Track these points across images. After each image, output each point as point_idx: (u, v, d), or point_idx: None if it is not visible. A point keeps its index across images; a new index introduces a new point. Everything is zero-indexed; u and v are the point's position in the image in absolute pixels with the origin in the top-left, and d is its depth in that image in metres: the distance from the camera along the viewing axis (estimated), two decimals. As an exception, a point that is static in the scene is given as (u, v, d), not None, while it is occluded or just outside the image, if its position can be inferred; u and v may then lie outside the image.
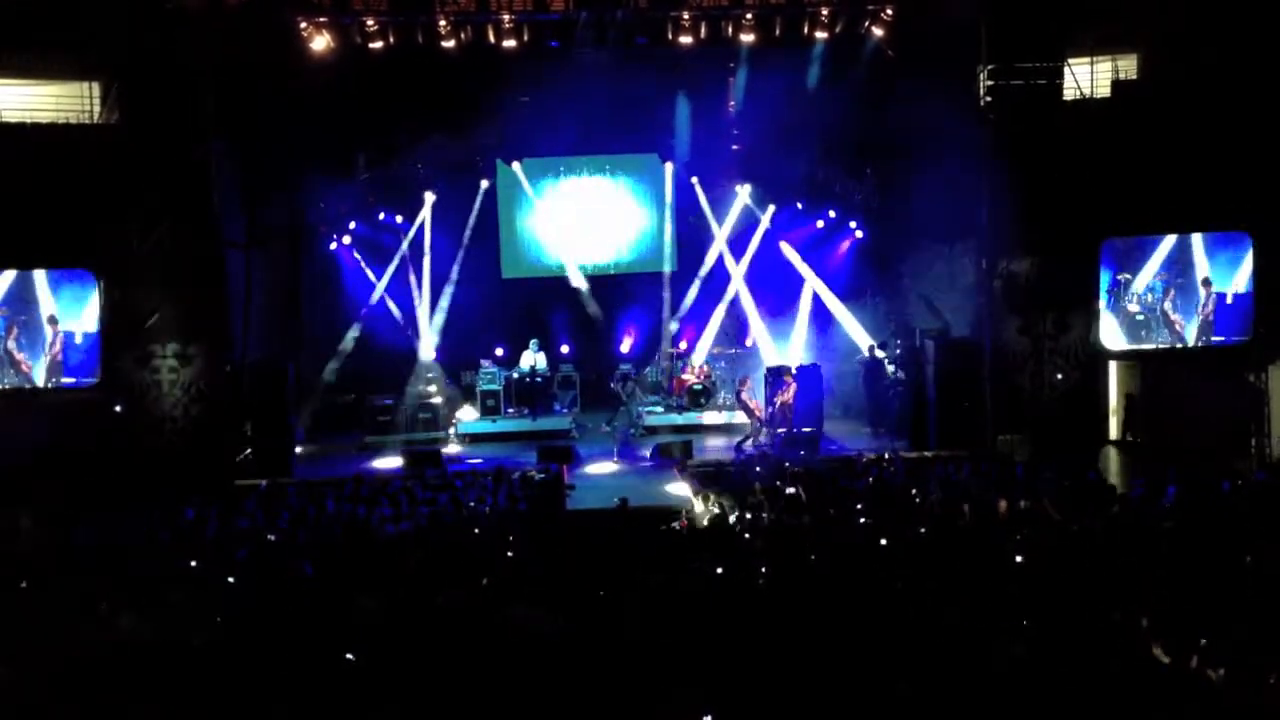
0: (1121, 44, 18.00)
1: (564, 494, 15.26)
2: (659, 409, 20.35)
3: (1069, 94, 17.04)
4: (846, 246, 21.03)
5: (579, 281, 21.50)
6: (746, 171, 20.97)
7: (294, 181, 19.29)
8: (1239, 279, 16.98)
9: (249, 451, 17.16)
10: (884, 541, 10.53)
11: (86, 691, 6.80)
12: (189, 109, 16.13)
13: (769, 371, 18.53)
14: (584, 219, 21.77)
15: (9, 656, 7.33)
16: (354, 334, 20.76)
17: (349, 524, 12.43)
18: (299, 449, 18.86)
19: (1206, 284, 16.99)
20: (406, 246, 20.90)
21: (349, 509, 13.20)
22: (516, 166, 21.27)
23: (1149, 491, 12.42)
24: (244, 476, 16.31)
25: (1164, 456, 15.50)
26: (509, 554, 10.64)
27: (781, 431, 17.74)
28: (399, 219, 20.98)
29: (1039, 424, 16.84)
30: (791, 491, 13.47)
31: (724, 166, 21.06)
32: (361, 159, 20.14)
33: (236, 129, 17.21)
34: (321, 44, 18.28)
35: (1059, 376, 17.00)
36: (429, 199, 20.90)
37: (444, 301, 21.16)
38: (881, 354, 19.49)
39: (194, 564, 10.68)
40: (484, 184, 21.22)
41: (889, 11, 18.35)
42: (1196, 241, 17.04)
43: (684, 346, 21.37)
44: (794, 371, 18.22)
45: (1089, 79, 17.22)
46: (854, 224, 20.69)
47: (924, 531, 11.10)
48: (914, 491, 13.36)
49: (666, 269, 21.84)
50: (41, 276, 16.57)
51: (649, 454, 17.94)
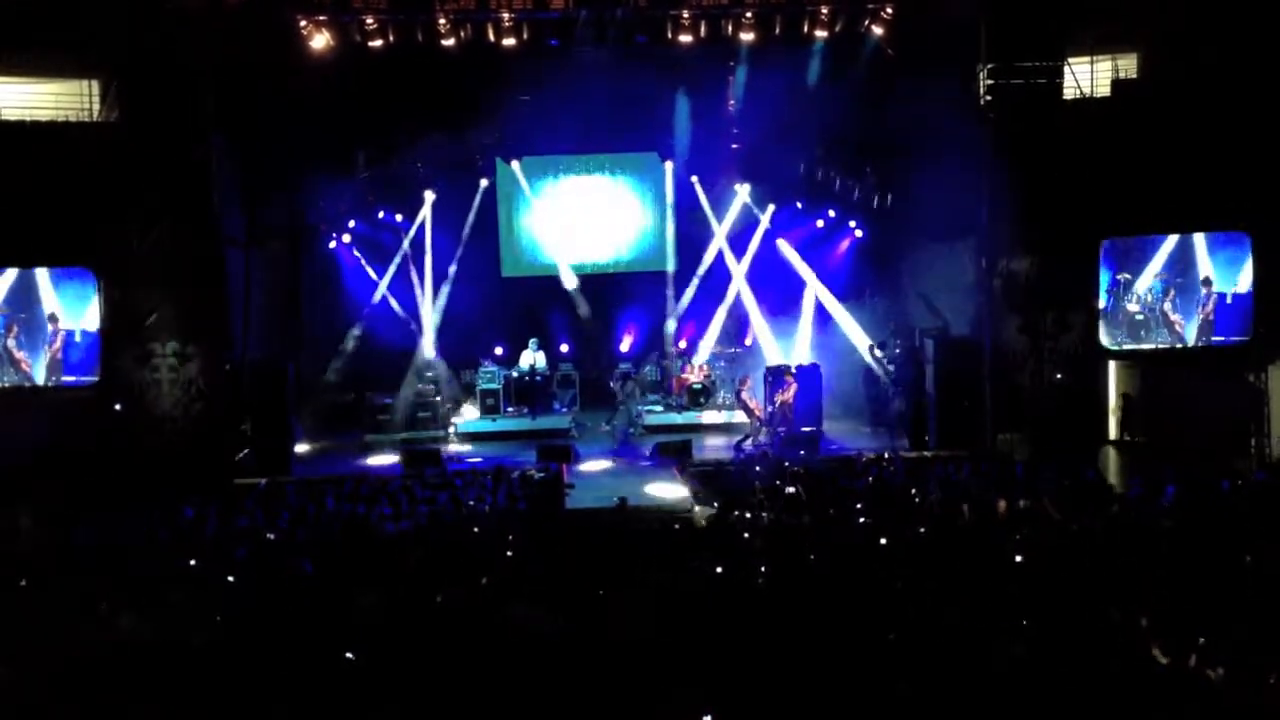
0: (1121, 43, 18.00)
1: (563, 493, 15.27)
2: (658, 408, 20.35)
3: (1069, 93, 17.05)
4: (846, 246, 21.01)
5: (570, 281, 21.47)
6: (746, 170, 20.95)
7: (294, 180, 19.27)
8: (1241, 279, 16.96)
9: (248, 451, 17.16)
10: (884, 541, 10.53)
11: (86, 691, 6.80)
12: (189, 107, 16.13)
13: (769, 371, 18.53)
14: (583, 218, 21.74)
15: (9, 656, 7.33)
16: (356, 333, 20.75)
17: (348, 523, 12.44)
18: (303, 447, 18.87)
19: (1207, 284, 16.98)
20: (408, 245, 20.87)
21: (348, 508, 13.21)
22: (516, 165, 21.25)
23: (1147, 491, 12.43)
24: (243, 475, 16.32)
25: (1163, 456, 15.50)
26: (508, 553, 10.65)
27: (781, 431, 17.74)
28: (399, 217, 20.96)
29: (1038, 423, 16.85)
30: (791, 491, 13.50)
31: (724, 165, 21.03)
32: (361, 158, 20.09)
33: (236, 127, 17.21)
34: (321, 42, 18.27)
35: (1058, 376, 17.00)
36: (429, 198, 20.87)
37: (442, 300, 21.16)
38: (880, 353, 19.48)
39: (193, 563, 10.68)
40: (483, 183, 21.19)
41: (889, 10, 18.34)
42: (1199, 241, 17.04)
43: (684, 345, 21.36)
44: (794, 371, 18.22)
45: (1089, 78, 17.23)
46: (853, 223, 20.67)
47: (924, 531, 11.10)
48: (914, 491, 13.38)
49: (666, 268, 21.81)
50: (44, 275, 16.57)
51: (648, 453, 17.94)
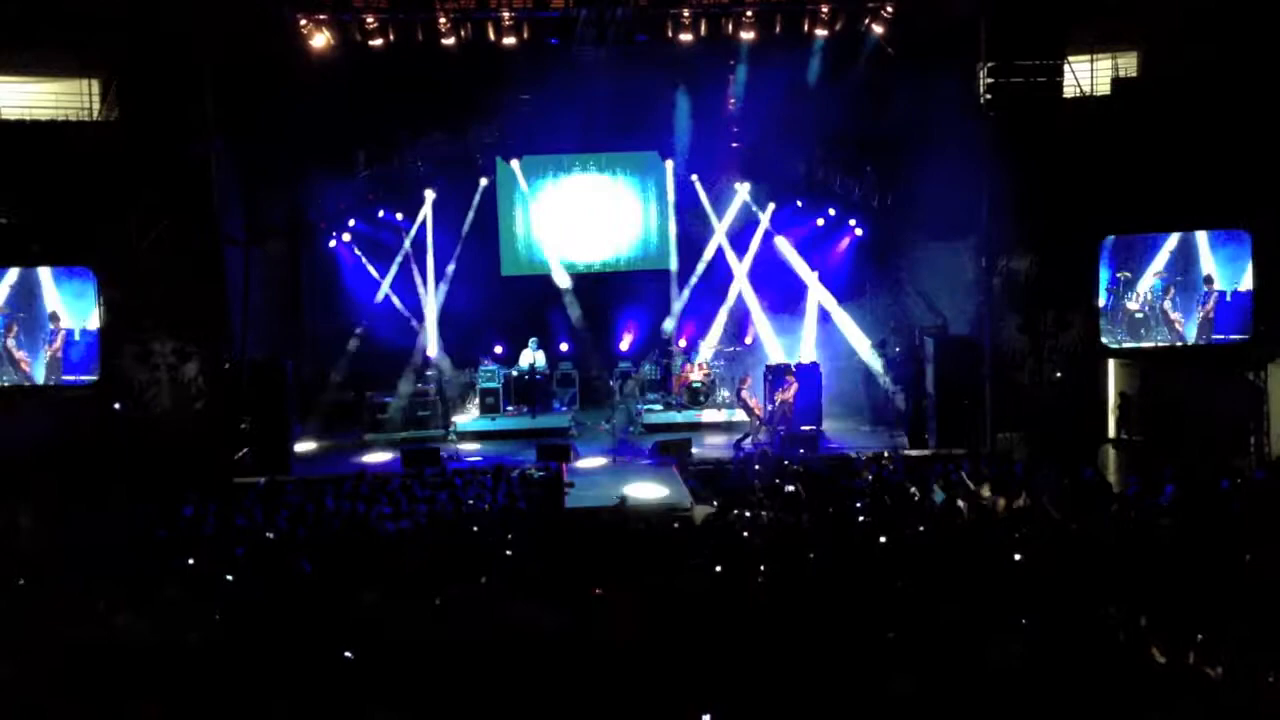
0: (1121, 41, 17.98)
1: (563, 492, 15.26)
2: (658, 407, 20.33)
3: (1069, 91, 17.04)
4: (846, 244, 20.99)
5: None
6: (746, 169, 20.91)
7: (294, 179, 19.26)
8: (1246, 276, 16.90)
9: (247, 449, 17.15)
10: (883, 540, 10.54)
11: (84, 689, 6.80)
12: (188, 107, 16.12)
13: (769, 370, 18.52)
14: (584, 217, 21.70)
15: (8, 654, 7.32)
16: (359, 332, 20.70)
17: (348, 522, 12.44)
18: (307, 446, 18.89)
19: (1209, 282, 16.95)
20: (409, 244, 20.85)
21: (348, 507, 13.21)
22: (515, 164, 21.20)
23: (1146, 490, 12.43)
24: (242, 474, 16.31)
25: (1162, 455, 15.48)
26: (508, 552, 10.64)
27: (781, 430, 17.73)
28: (399, 216, 20.93)
29: (1038, 422, 16.84)
30: (791, 490, 13.50)
31: (724, 164, 20.99)
32: (361, 156, 20.09)
33: (236, 126, 17.19)
34: (321, 41, 18.28)
35: (1058, 375, 16.99)
36: (429, 197, 20.84)
37: (442, 299, 21.13)
38: (877, 356, 19.50)
39: (192, 561, 10.69)
40: (483, 182, 21.15)
41: (889, 9, 18.34)
42: (1201, 239, 17.01)
43: (683, 344, 21.34)
44: (794, 370, 18.21)
45: (1089, 76, 17.21)
46: (853, 222, 20.64)
47: (923, 530, 11.11)
48: (913, 489, 13.38)
49: (667, 267, 21.77)
50: (46, 274, 16.57)
51: (648, 452, 17.93)
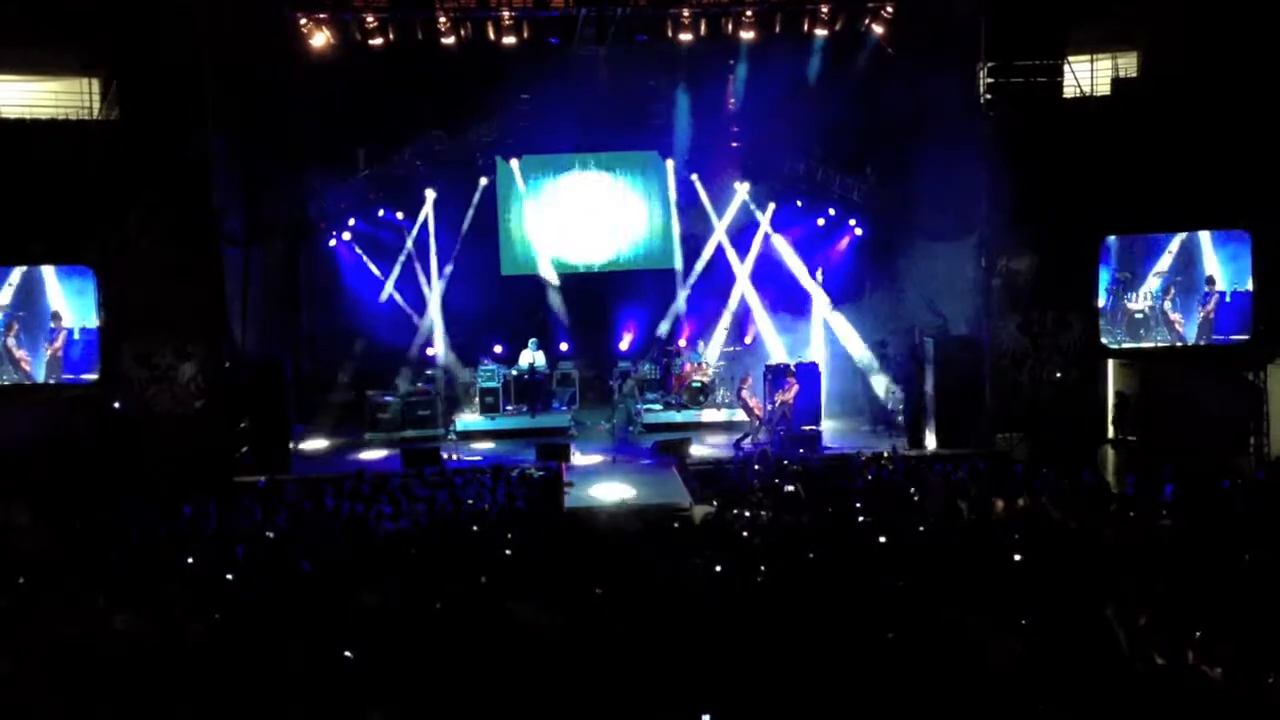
0: (1121, 42, 17.99)
1: (562, 491, 15.25)
2: (657, 406, 20.32)
3: (1069, 92, 17.03)
4: (846, 244, 20.97)
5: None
6: (746, 168, 20.90)
7: (294, 178, 19.28)
8: (1244, 277, 16.90)
9: (247, 448, 17.14)
10: (882, 540, 10.54)
11: (84, 687, 6.80)
12: (188, 106, 16.09)
13: (769, 370, 18.50)
14: (583, 216, 21.68)
15: (8, 652, 7.33)
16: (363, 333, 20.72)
17: (348, 521, 12.44)
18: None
19: (1210, 282, 16.93)
20: (411, 244, 20.83)
21: (348, 506, 13.20)
22: (514, 164, 21.19)
23: (1146, 490, 12.43)
24: (242, 473, 16.30)
25: (1161, 455, 15.47)
26: (507, 551, 10.65)
27: (781, 430, 17.72)
28: (399, 215, 20.91)
29: (1038, 422, 16.84)
30: (790, 489, 13.50)
31: (724, 163, 20.98)
32: (361, 155, 20.09)
33: (236, 126, 17.21)
34: (321, 40, 18.31)
35: (1058, 375, 16.99)
36: (430, 196, 20.83)
37: (442, 298, 21.11)
38: (875, 357, 19.51)
39: (192, 561, 10.68)
40: (483, 181, 21.13)
41: (889, 9, 18.36)
42: (1204, 240, 17.00)
43: (683, 344, 21.33)
44: (794, 370, 18.19)
45: (1089, 77, 17.21)
46: (853, 221, 20.63)
47: (923, 530, 11.11)
48: (913, 490, 13.38)
49: (668, 266, 21.75)
50: (50, 273, 16.57)
51: (648, 451, 17.92)
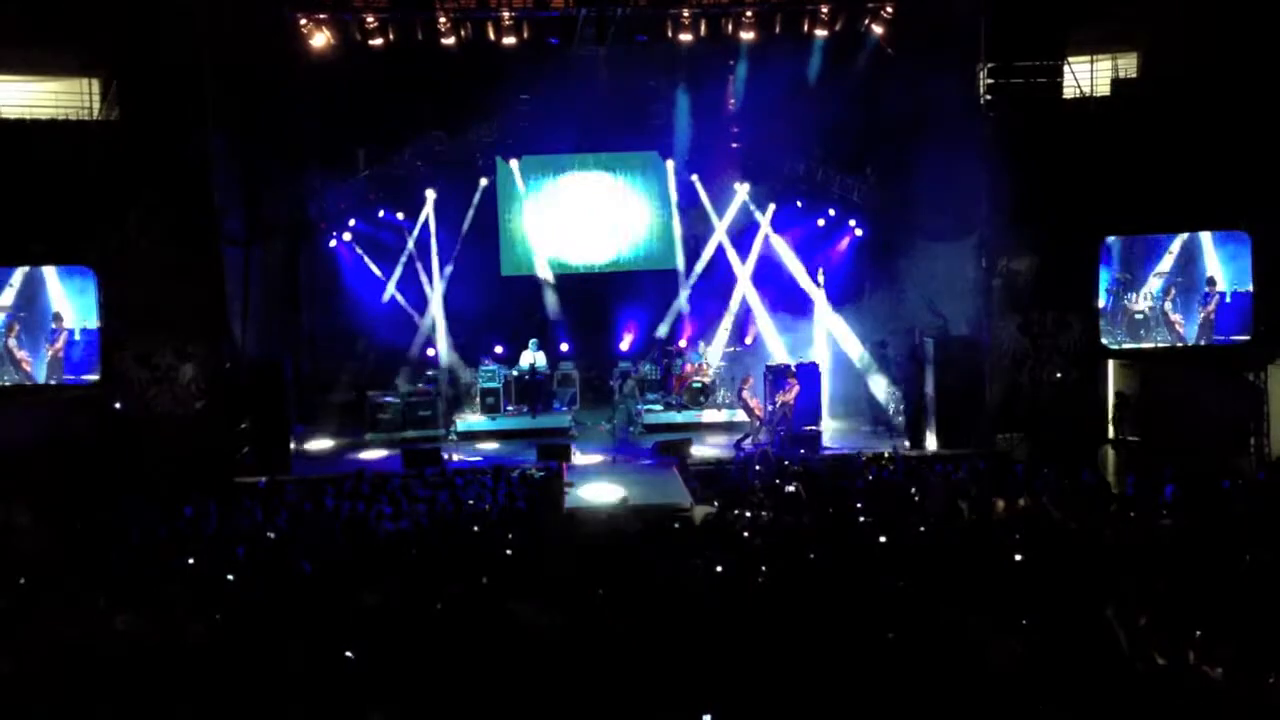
0: (1121, 43, 18.00)
1: (563, 492, 15.25)
2: (658, 407, 20.32)
3: (1069, 92, 17.04)
4: (846, 244, 20.96)
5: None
6: (746, 169, 20.90)
7: (294, 178, 19.28)
8: (1244, 278, 16.90)
9: (248, 449, 17.14)
10: (883, 540, 10.54)
11: (84, 687, 6.80)
12: (188, 106, 16.11)
13: (769, 370, 18.49)
14: (584, 217, 21.67)
15: (7, 652, 7.33)
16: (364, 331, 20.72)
17: (348, 521, 12.44)
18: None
19: (1211, 283, 16.92)
20: (413, 244, 20.82)
21: (348, 506, 13.20)
22: (514, 164, 21.18)
23: (1146, 490, 12.42)
24: (243, 473, 16.30)
25: (1161, 456, 15.48)
26: (508, 552, 10.65)
27: (781, 430, 17.72)
28: (399, 215, 20.90)
29: (1038, 423, 16.85)
30: (791, 490, 13.50)
31: (724, 164, 20.98)
32: (361, 156, 20.09)
33: (236, 125, 17.21)
34: (321, 41, 18.32)
35: (1058, 375, 17.00)
36: (430, 196, 20.82)
37: (443, 299, 21.11)
38: (872, 359, 19.51)
39: (192, 561, 10.68)
40: (483, 182, 21.12)
41: (889, 9, 18.37)
42: (1206, 240, 16.99)
43: (684, 344, 21.33)
44: (795, 371, 18.18)
45: (1089, 78, 17.22)
46: (853, 222, 20.62)
47: (923, 530, 11.11)
48: (913, 490, 13.38)
49: (668, 266, 21.74)
50: (52, 273, 16.56)
51: (648, 452, 17.92)
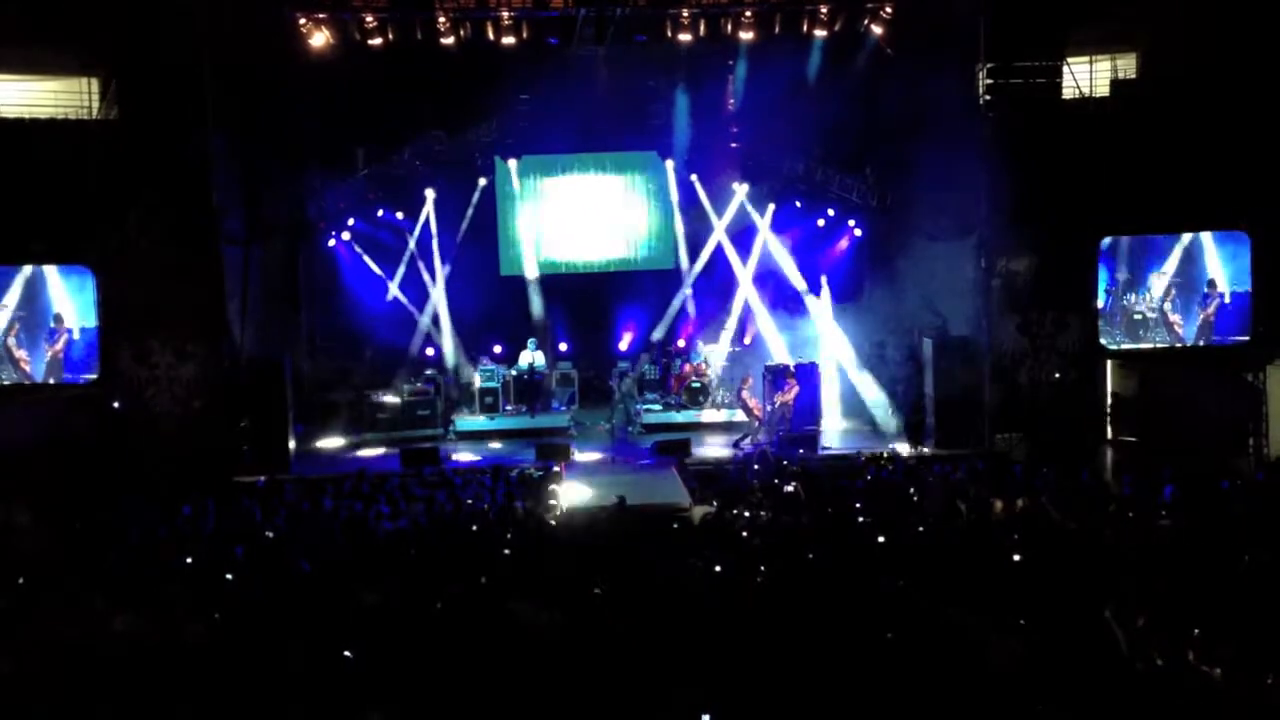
0: (1121, 43, 18.00)
1: (555, 491, 15.23)
2: (657, 407, 20.31)
3: (1068, 93, 17.05)
4: (845, 244, 20.95)
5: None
6: (745, 169, 20.88)
7: (293, 178, 19.24)
8: (1243, 277, 16.89)
9: (247, 448, 17.12)
10: (882, 540, 10.54)
11: (84, 687, 6.80)
12: (188, 105, 16.10)
13: (768, 370, 18.48)
14: (583, 216, 21.64)
15: (7, 652, 7.33)
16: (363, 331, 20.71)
17: (347, 521, 12.43)
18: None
19: (1212, 285, 16.91)
20: (414, 244, 20.80)
21: (347, 506, 13.19)
22: (513, 164, 21.15)
23: (1145, 490, 12.43)
24: (242, 473, 16.29)
25: (1160, 456, 15.49)
26: (506, 551, 10.65)
27: (781, 430, 17.71)
28: (399, 215, 20.88)
29: (1037, 423, 16.85)
30: (790, 490, 13.50)
31: (723, 164, 20.95)
32: (361, 156, 20.08)
33: (236, 125, 17.20)
34: (321, 40, 18.30)
35: (1057, 376, 17.01)
36: (430, 196, 20.79)
37: (446, 298, 21.09)
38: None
39: (191, 561, 10.68)
40: (482, 181, 21.08)
41: (888, 9, 18.36)
42: (1207, 241, 16.98)
43: (682, 344, 21.32)
44: (794, 371, 18.17)
45: (1088, 78, 17.22)
46: (853, 222, 20.60)
47: (922, 530, 11.11)
48: (912, 490, 13.39)
49: (667, 266, 21.70)
50: (53, 273, 16.55)
51: (647, 451, 17.91)
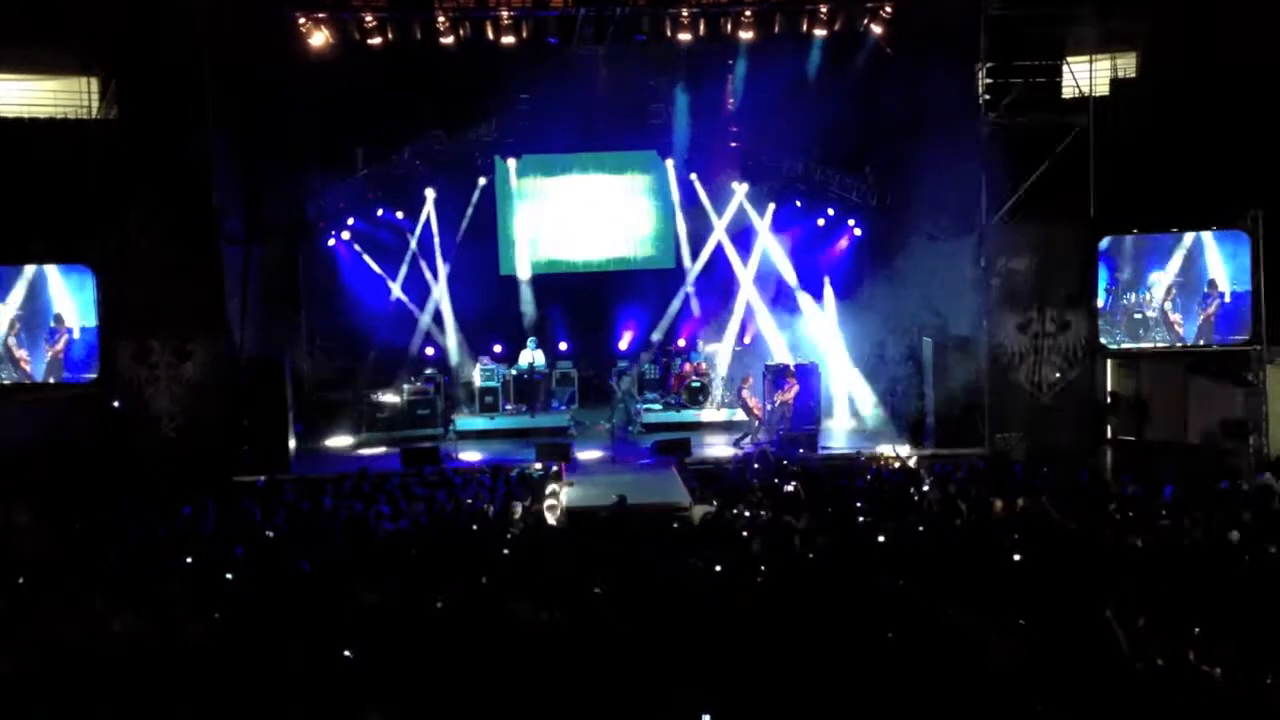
0: (1120, 42, 17.99)
1: (558, 491, 15.23)
2: (657, 406, 20.31)
3: (1068, 92, 17.04)
4: (845, 244, 20.95)
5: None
6: (745, 168, 20.88)
7: (293, 178, 19.23)
8: (1243, 276, 16.88)
9: (247, 448, 17.11)
10: (882, 540, 10.55)
11: (84, 687, 6.80)
12: (187, 105, 16.10)
13: (768, 369, 18.48)
14: (582, 216, 21.64)
15: (7, 652, 7.33)
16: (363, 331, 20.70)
17: (347, 521, 12.44)
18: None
19: (1212, 285, 16.89)
20: (415, 244, 20.79)
21: (347, 505, 13.19)
22: (513, 163, 21.15)
23: (1145, 490, 12.44)
24: (242, 473, 16.28)
25: (1159, 456, 15.49)
26: (506, 551, 10.65)
27: (781, 430, 17.71)
28: (399, 215, 20.88)
29: (1037, 423, 16.85)
30: (790, 489, 13.50)
31: (723, 163, 20.94)
32: (360, 155, 20.08)
33: (236, 125, 17.19)
34: (320, 40, 18.29)
35: (1057, 375, 17.01)
36: (430, 196, 20.79)
37: (450, 298, 21.08)
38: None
39: (191, 560, 10.68)
40: (481, 181, 21.08)
41: (888, 9, 18.35)
42: (1208, 241, 16.97)
43: (682, 343, 21.32)
44: (794, 371, 18.17)
45: (1088, 77, 17.21)
46: (852, 222, 20.61)
47: (922, 530, 11.12)
48: (912, 490, 13.39)
49: (667, 266, 21.70)
50: (55, 273, 16.54)
51: (647, 451, 17.91)
